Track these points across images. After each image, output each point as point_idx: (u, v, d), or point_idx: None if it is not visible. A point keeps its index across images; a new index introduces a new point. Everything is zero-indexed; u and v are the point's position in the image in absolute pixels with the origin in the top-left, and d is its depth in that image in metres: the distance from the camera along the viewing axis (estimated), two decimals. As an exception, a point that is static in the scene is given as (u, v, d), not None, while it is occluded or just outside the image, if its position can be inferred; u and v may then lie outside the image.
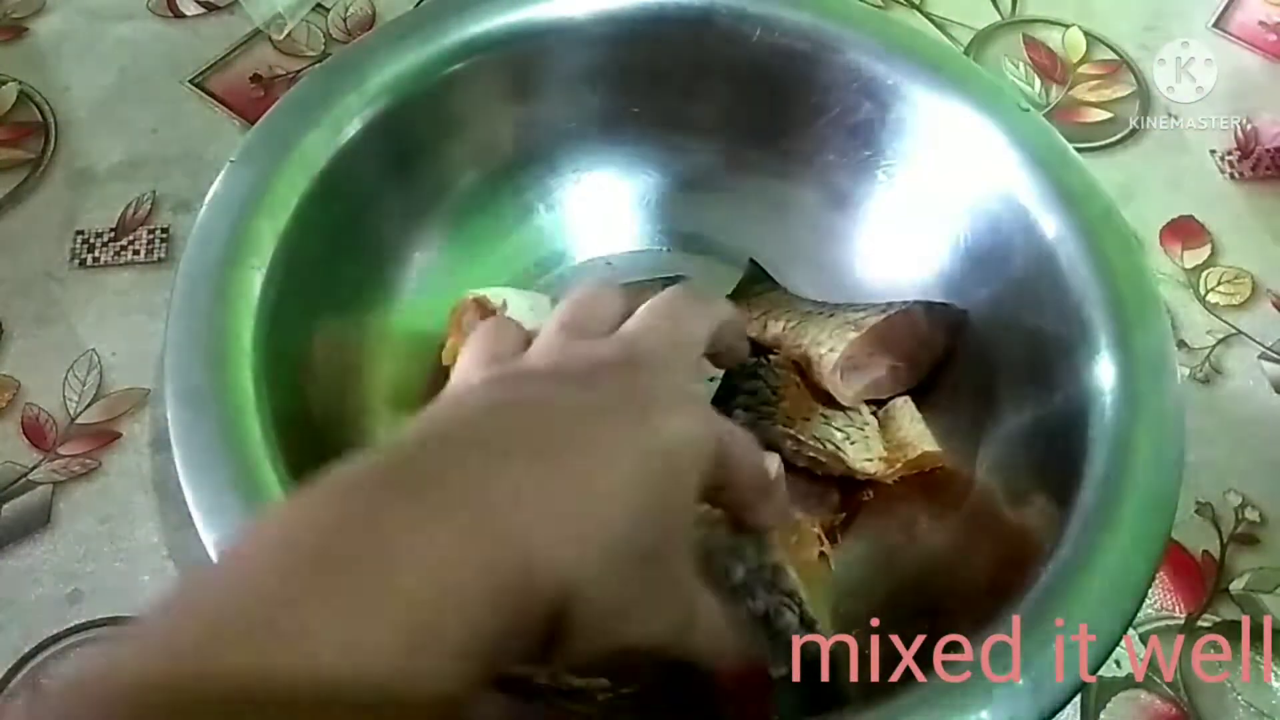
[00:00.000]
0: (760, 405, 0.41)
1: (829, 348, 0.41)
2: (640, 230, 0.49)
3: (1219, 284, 0.52)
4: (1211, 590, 0.43)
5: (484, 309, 0.40)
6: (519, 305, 0.40)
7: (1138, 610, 0.31)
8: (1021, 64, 0.60)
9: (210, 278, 0.34)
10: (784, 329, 0.43)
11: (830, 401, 0.42)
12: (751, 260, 0.48)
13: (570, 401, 0.25)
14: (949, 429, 0.42)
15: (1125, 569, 0.31)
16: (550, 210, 0.48)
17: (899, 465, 0.40)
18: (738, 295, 0.46)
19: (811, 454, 0.40)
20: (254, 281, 0.35)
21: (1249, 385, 0.48)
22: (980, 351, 0.42)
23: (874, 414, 0.43)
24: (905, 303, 0.41)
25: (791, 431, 0.40)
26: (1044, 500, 0.36)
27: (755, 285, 0.47)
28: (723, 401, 0.42)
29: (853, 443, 0.40)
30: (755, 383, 0.42)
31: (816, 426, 0.41)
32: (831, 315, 0.43)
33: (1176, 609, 0.42)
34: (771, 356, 0.43)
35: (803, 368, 0.42)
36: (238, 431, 0.32)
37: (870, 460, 0.40)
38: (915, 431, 0.41)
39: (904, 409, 0.42)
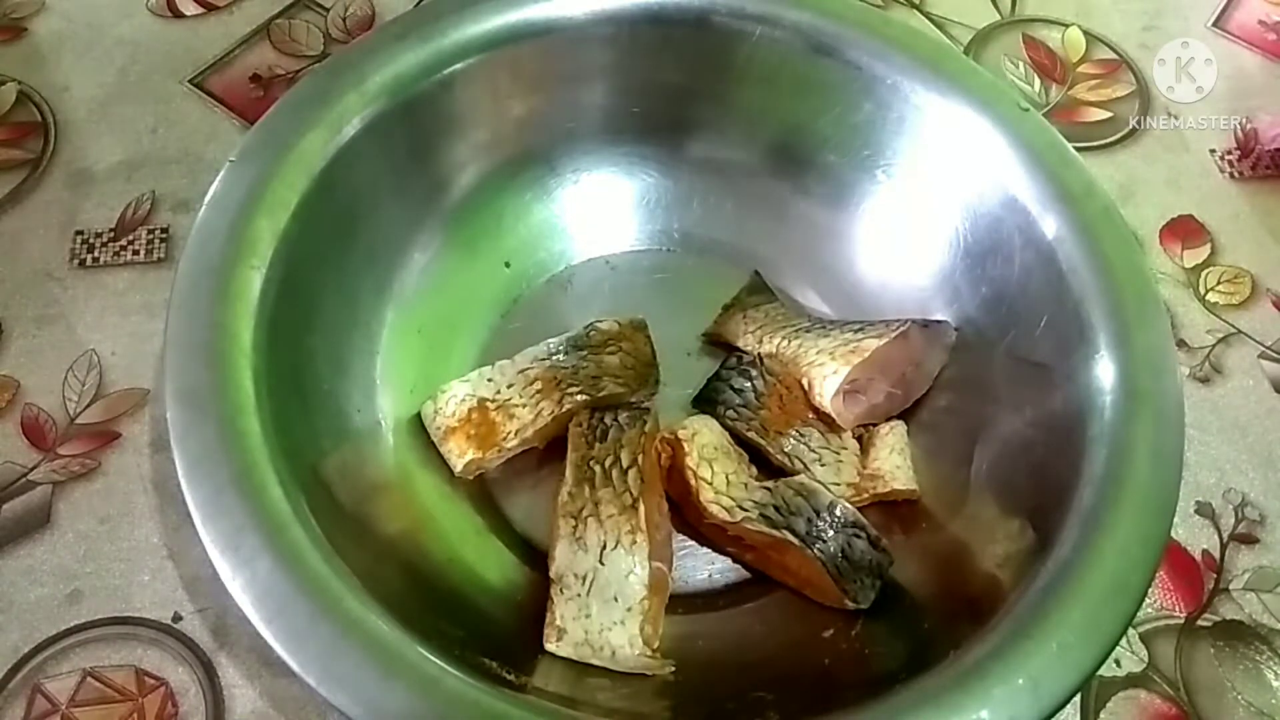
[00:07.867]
0: (741, 408, 0.42)
1: (832, 370, 0.41)
2: (640, 230, 0.49)
3: (1219, 283, 0.52)
4: (1211, 590, 0.43)
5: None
6: (471, 387, 0.41)
7: (1137, 610, 0.31)
8: (1021, 63, 0.60)
9: (210, 278, 0.34)
10: (780, 345, 0.43)
11: (820, 419, 0.42)
12: (755, 272, 0.48)
13: None
14: (946, 431, 0.42)
15: (1125, 569, 0.31)
16: (550, 211, 0.48)
17: (867, 495, 0.41)
18: (735, 306, 0.46)
19: (778, 465, 0.41)
20: (254, 281, 0.35)
21: (1249, 385, 0.48)
22: (979, 352, 0.42)
23: (861, 434, 0.43)
24: (901, 322, 0.41)
25: (763, 443, 0.41)
26: (1027, 527, 0.36)
27: (753, 297, 0.47)
28: (710, 398, 0.43)
29: (823, 465, 0.41)
30: (744, 383, 0.42)
31: (789, 442, 0.41)
32: (827, 334, 0.43)
33: (1176, 609, 0.42)
34: (765, 361, 0.43)
35: (805, 390, 0.42)
36: (237, 431, 0.32)
37: (838, 485, 0.40)
38: (893, 464, 0.41)
39: (890, 437, 0.42)
